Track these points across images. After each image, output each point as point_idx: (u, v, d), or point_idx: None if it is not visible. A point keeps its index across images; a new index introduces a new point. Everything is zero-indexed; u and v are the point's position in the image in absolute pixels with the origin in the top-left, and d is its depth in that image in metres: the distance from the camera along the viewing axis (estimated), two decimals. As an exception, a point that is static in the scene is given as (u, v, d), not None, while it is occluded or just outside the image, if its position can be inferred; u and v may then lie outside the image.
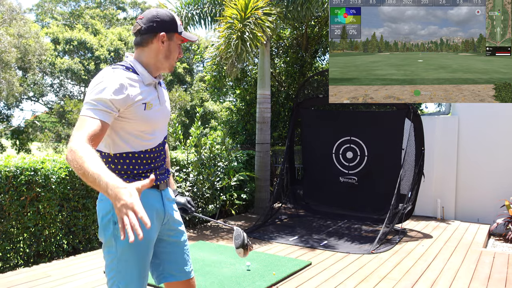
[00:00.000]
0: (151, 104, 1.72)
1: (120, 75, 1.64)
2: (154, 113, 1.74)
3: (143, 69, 1.73)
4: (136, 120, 1.68)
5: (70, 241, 4.63)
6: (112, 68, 1.67)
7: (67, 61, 23.21)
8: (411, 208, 5.96)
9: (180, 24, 1.79)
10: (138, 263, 1.72)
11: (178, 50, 1.80)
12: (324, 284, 3.76)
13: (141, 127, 1.70)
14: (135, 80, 1.69)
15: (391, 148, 6.24)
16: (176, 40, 1.78)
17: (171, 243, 1.89)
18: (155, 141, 1.79)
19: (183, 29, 1.80)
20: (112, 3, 31.73)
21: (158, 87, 1.81)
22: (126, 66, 1.72)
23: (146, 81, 1.72)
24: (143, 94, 1.69)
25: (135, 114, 1.67)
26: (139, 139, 1.72)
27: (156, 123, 1.76)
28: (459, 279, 3.97)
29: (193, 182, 6.01)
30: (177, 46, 1.79)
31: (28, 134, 21.59)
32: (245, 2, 5.88)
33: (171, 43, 1.76)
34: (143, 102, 1.68)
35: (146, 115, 1.70)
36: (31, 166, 4.18)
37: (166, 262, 1.87)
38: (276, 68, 9.71)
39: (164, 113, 1.83)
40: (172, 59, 1.78)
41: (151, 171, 1.76)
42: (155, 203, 1.78)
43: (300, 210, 7.05)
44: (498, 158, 6.64)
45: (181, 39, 1.79)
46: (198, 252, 4.70)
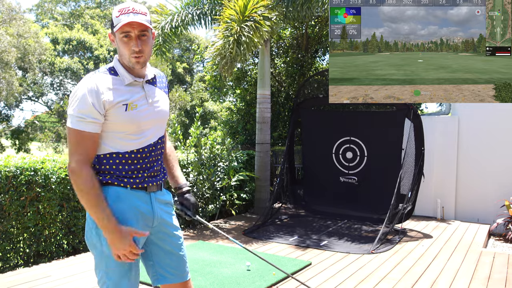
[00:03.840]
0: (135, 105, 1.69)
1: (95, 81, 1.64)
2: (139, 113, 1.70)
3: (123, 70, 1.71)
4: (117, 122, 1.66)
5: (70, 241, 4.63)
6: (92, 74, 1.68)
7: (66, 61, 23.21)
8: (411, 208, 5.96)
9: (117, 16, 1.65)
10: (124, 264, 1.73)
11: (127, 43, 1.66)
12: (324, 284, 3.75)
13: (123, 128, 1.68)
14: (114, 82, 1.67)
15: (391, 148, 6.24)
16: (118, 34, 1.66)
17: (163, 249, 1.86)
18: (143, 141, 1.74)
19: (123, 17, 1.64)
20: (112, 3, 31.72)
21: (147, 86, 1.77)
22: (108, 68, 1.72)
23: (126, 81, 1.70)
24: (124, 95, 1.67)
25: (116, 116, 1.65)
26: (123, 140, 1.70)
27: (142, 123, 1.72)
28: (459, 279, 3.97)
29: (193, 182, 6.01)
30: (123, 40, 1.66)
31: (28, 134, 21.58)
32: (244, 3, 5.86)
33: (116, 39, 1.69)
34: (123, 103, 1.66)
35: (129, 116, 1.67)
36: (31, 166, 4.18)
37: (159, 265, 1.86)
38: (276, 68, 9.71)
39: (154, 112, 1.77)
40: (124, 54, 1.68)
41: (137, 172, 1.74)
42: (140, 204, 1.75)
43: (300, 210, 7.05)
44: (498, 158, 6.64)
45: (121, 31, 1.64)
46: (198, 252, 4.70)
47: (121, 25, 1.62)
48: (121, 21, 1.63)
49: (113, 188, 1.70)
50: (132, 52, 1.65)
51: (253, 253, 2.24)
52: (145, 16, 1.67)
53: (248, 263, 4.17)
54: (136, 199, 1.74)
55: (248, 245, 5.10)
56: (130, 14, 1.63)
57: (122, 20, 1.63)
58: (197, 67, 27.83)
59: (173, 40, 7.26)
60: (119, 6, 1.68)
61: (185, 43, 25.76)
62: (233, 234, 5.68)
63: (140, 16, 1.65)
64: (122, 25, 1.62)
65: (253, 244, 5.16)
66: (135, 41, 1.65)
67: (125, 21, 1.61)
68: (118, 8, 1.66)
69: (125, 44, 1.66)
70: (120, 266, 1.73)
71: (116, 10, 1.66)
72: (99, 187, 1.64)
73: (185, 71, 26.19)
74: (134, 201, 1.73)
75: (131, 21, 1.62)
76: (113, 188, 1.70)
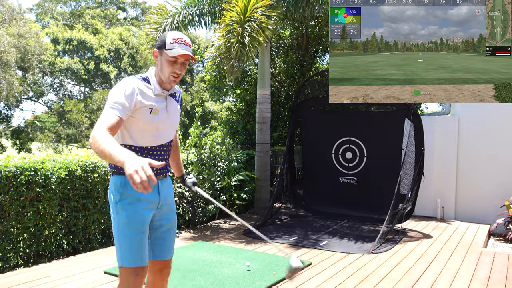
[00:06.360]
0: (158, 111, 2.06)
1: (134, 84, 2.02)
2: (159, 118, 2.07)
3: (155, 82, 2.08)
4: (141, 120, 2.03)
5: (70, 241, 4.63)
6: (132, 77, 2.06)
7: (67, 61, 23.21)
8: (411, 208, 5.96)
9: (172, 42, 2.02)
10: (132, 237, 2.01)
11: (170, 65, 2.03)
12: (324, 284, 3.76)
13: (144, 127, 2.04)
14: (147, 89, 2.05)
15: (391, 148, 6.24)
16: (165, 56, 2.03)
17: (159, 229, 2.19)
18: (157, 141, 2.11)
19: (178, 47, 2.01)
20: (112, 3, 31.73)
21: (169, 99, 2.14)
22: (143, 77, 2.08)
23: (155, 92, 2.07)
24: (151, 101, 2.04)
25: (142, 116, 2.02)
26: (142, 137, 2.06)
27: (159, 127, 2.08)
28: (459, 279, 3.97)
29: (193, 182, 6.01)
30: (167, 61, 2.03)
31: (28, 134, 21.58)
32: (244, 4, 5.87)
33: (161, 58, 2.05)
34: (150, 108, 2.03)
35: (151, 118, 2.04)
36: (31, 166, 4.18)
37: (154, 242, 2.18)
38: (276, 68, 9.71)
39: (169, 120, 2.14)
40: (165, 72, 2.04)
41: None
42: (150, 194, 2.06)
43: (300, 210, 7.05)
44: (498, 158, 6.64)
45: (173, 57, 2.01)
46: (198, 252, 4.70)
47: (177, 54, 2.00)
48: (176, 49, 2.01)
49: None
50: (174, 73, 2.05)
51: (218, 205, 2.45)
52: (191, 47, 2.08)
53: (248, 263, 4.17)
54: None
55: (248, 245, 5.10)
56: (183, 45, 2.03)
57: (177, 50, 2.01)
58: (197, 67, 27.83)
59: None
60: (173, 34, 2.05)
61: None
62: (233, 234, 5.68)
63: (189, 48, 2.05)
64: (178, 55, 2.01)
65: (253, 244, 5.16)
66: (179, 66, 2.06)
67: (181, 52, 2.01)
68: (173, 36, 2.03)
69: (171, 66, 2.04)
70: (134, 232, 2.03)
71: (171, 37, 2.03)
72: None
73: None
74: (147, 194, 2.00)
75: (186, 54, 2.01)
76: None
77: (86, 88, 26.04)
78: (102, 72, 24.10)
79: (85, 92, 26.05)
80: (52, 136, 22.52)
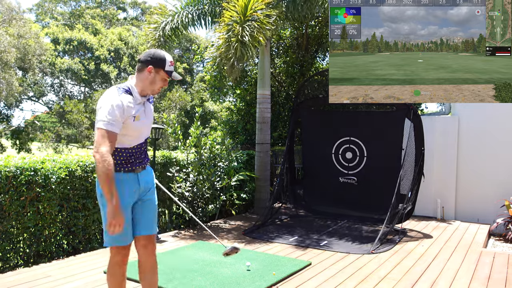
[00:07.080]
0: (139, 117, 2.44)
1: (122, 99, 2.35)
2: (141, 123, 2.47)
3: (136, 93, 2.45)
4: (127, 129, 2.40)
5: (70, 241, 4.63)
6: (117, 90, 2.38)
7: (67, 61, 23.21)
8: (411, 208, 5.96)
9: (170, 65, 2.47)
10: None
11: (162, 82, 2.49)
12: (324, 284, 3.76)
13: (129, 132, 2.43)
14: (131, 101, 2.40)
15: (391, 148, 6.24)
16: (161, 74, 2.46)
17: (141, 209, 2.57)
18: (138, 141, 2.52)
19: (173, 69, 2.49)
20: (112, 3, 31.73)
21: (146, 104, 2.53)
22: (125, 89, 2.41)
23: (137, 101, 2.45)
24: (134, 110, 2.42)
25: (127, 125, 2.40)
26: (126, 140, 2.45)
27: (140, 130, 2.49)
28: (459, 279, 3.97)
29: (193, 182, 6.01)
30: (161, 79, 2.47)
31: (28, 134, 21.57)
32: (244, 3, 5.87)
33: (156, 76, 2.45)
34: (133, 116, 2.41)
35: (134, 124, 2.43)
36: (31, 166, 4.17)
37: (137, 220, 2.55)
38: (276, 68, 9.71)
39: (148, 122, 2.54)
40: (156, 87, 2.48)
41: (130, 160, 2.49)
42: (132, 184, 2.49)
43: (300, 210, 7.05)
44: (498, 158, 6.64)
45: (166, 75, 2.47)
46: (198, 252, 4.70)
47: (176, 79, 2.51)
48: (173, 72, 2.51)
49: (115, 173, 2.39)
50: (161, 88, 2.51)
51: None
52: None
53: (248, 263, 4.17)
54: (130, 182, 2.49)
55: (248, 245, 5.10)
56: (173, 67, 2.52)
57: (175, 74, 2.53)
58: (197, 67, 27.83)
59: (174, 41, 7.27)
60: (169, 57, 2.48)
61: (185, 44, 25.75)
62: (233, 234, 5.68)
63: None
64: (173, 77, 2.50)
65: (253, 244, 5.16)
66: (165, 83, 2.52)
67: (179, 77, 2.55)
68: (170, 59, 2.48)
69: (161, 83, 2.49)
70: None
71: (168, 60, 2.47)
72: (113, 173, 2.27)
73: (185, 71, 26.18)
74: (130, 184, 2.48)
75: (176, 79, 2.51)
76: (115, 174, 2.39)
77: (86, 88, 26.05)
78: (102, 72, 24.11)
79: (85, 92, 26.06)
80: (52, 136, 22.51)
